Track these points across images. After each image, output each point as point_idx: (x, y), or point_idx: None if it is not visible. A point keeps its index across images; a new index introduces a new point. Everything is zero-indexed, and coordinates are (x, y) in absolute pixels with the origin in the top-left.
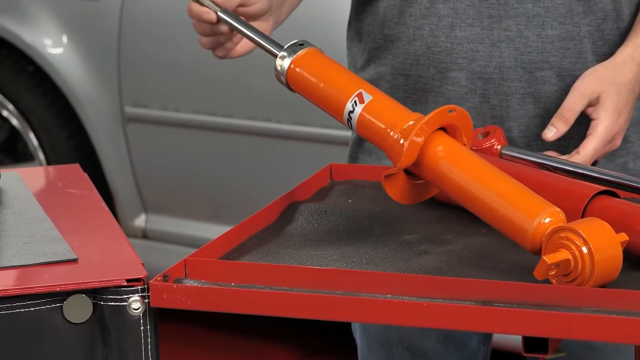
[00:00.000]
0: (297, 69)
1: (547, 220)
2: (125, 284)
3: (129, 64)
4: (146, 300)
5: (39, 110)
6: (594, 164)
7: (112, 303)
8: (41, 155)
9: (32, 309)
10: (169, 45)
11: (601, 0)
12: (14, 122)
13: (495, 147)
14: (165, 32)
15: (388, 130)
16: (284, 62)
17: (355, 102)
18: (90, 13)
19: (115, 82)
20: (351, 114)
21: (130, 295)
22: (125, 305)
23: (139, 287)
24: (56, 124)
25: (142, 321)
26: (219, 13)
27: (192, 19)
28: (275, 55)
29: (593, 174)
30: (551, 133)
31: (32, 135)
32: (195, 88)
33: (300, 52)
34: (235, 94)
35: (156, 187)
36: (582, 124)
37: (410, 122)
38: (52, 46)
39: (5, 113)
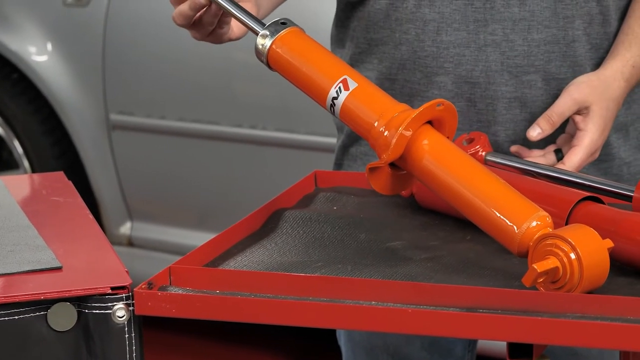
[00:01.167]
0: (279, 50)
1: (535, 224)
2: (109, 291)
3: (113, 72)
4: (131, 308)
5: (23, 117)
6: None
7: (97, 311)
8: (26, 163)
9: (16, 317)
10: (154, 52)
11: (587, 4)
12: None
13: (480, 153)
14: (151, 40)
15: (373, 121)
16: (265, 41)
17: (339, 88)
18: (75, 20)
19: (100, 89)
20: (335, 101)
21: (115, 303)
22: (110, 313)
23: (124, 294)
24: (41, 132)
25: (126, 329)
26: None
27: (174, 12)
28: (257, 33)
29: (577, 180)
30: (536, 132)
31: (16, 143)
32: (181, 95)
33: (282, 31)
34: (221, 101)
35: (141, 195)
36: (565, 122)
37: (396, 114)
38: (37, 54)
39: None
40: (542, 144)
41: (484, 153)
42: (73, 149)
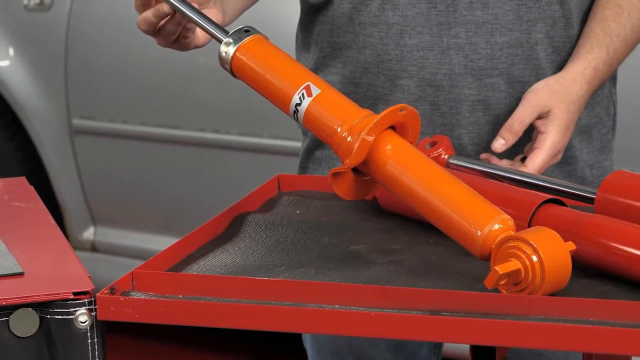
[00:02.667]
0: (243, 57)
1: (497, 227)
2: (72, 297)
3: (76, 76)
4: (93, 314)
5: None
6: None
7: (59, 316)
8: None
9: None
10: (116, 57)
11: (550, 7)
12: None
13: (443, 156)
14: (113, 44)
15: (336, 126)
16: (229, 49)
17: (302, 94)
18: (37, 25)
19: (63, 94)
20: (298, 107)
21: (77, 309)
22: (72, 318)
23: (86, 300)
24: (3, 137)
25: (89, 334)
26: None
27: (138, 17)
28: (220, 41)
29: (539, 183)
30: (500, 144)
31: None
32: (143, 100)
33: (246, 39)
34: (184, 105)
35: (104, 200)
36: (530, 130)
37: (359, 119)
38: None
39: None
40: (510, 153)
41: (446, 156)
42: (36, 154)
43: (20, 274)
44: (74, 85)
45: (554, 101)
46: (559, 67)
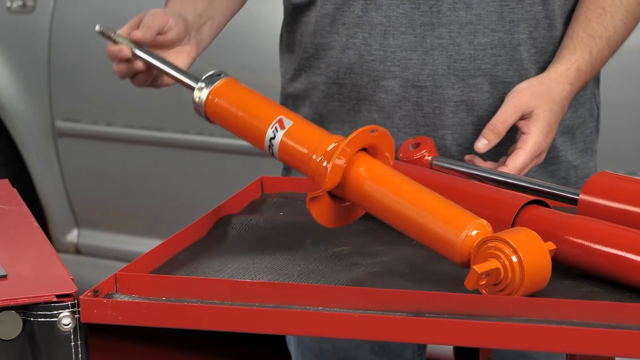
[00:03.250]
0: (216, 100)
1: (474, 232)
2: (55, 299)
3: (59, 78)
4: (76, 316)
5: None
6: None
7: (42, 319)
8: None
9: None
10: (99, 59)
11: (533, 8)
12: None
13: (426, 158)
14: (96, 46)
15: (310, 153)
16: (202, 94)
17: (276, 128)
18: (20, 27)
19: (46, 96)
20: (272, 141)
21: (61, 311)
22: (56, 321)
23: (69, 302)
24: None
25: (72, 337)
26: (134, 50)
27: (112, 64)
28: (193, 88)
29: (523, 184)
30: (482, 145)
31: None
32: (127, 102)
33: (217, 82)
34: (167, 107)
35: (88, 202)
36: (514, 131)
37: (333, 145)
38: None
39: None
40: (494, 154)
41: (430, 157)
42: (19, 157)
43: (3, 277)
44: (57, 87)
45: (536, 102)
46: (542, 67)
